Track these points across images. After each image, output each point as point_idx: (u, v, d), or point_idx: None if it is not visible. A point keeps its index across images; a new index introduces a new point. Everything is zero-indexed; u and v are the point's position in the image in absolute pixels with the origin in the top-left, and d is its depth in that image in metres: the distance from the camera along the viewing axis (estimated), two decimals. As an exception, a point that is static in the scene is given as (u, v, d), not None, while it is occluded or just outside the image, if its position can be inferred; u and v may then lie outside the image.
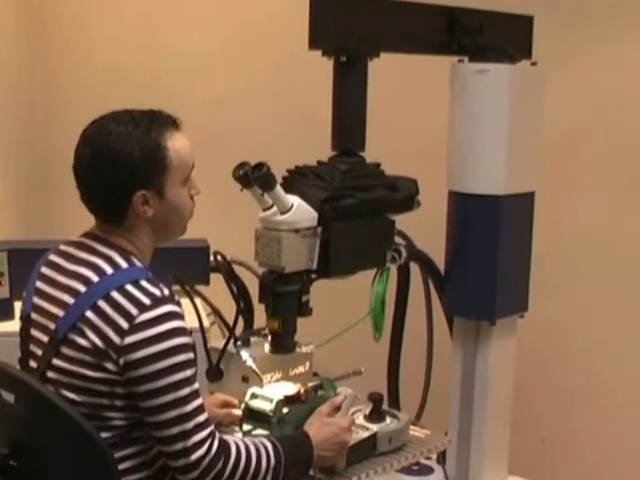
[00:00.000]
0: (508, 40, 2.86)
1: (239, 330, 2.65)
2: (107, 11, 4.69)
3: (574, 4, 3.53)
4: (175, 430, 2.06)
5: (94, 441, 2.06)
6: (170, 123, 2.18)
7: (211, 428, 2.12)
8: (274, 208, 2.42)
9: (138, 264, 2.17)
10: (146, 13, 4.58)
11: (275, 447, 2.23)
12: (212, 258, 2.84)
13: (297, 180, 2.54)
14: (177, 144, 2.16)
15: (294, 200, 2.43)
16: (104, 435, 2.10)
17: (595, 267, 3.61)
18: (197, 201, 2.27)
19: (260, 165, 2.33)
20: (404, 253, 2.70)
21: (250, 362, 2.49)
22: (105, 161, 2.11)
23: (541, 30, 3.00)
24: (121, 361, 2.05)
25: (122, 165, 2.10)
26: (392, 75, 3.10)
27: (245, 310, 2.84)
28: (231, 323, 2.57)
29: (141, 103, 2.22)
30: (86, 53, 4.77)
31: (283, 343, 2.51)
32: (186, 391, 2.07)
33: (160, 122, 2.16)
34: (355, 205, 2.53)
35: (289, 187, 2.48)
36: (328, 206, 2.48)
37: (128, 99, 2.33)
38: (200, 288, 2.73)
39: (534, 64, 2.88)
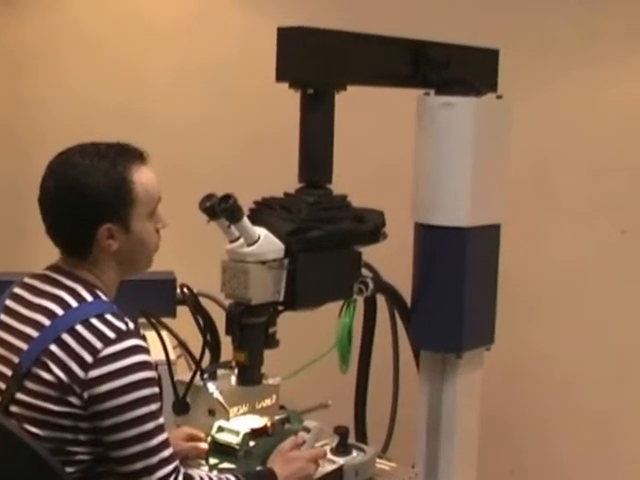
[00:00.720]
0: (474, 73, 2.88)
1: (206, 363, 2.63)
2: (77, 43, 4.68)
3: (539, 38, 3.57)
4: (139, 465, 2.04)
5: (58, 476, 2.04)
6: (137, 156, 2.16)
7: (176, 463, 2.09)
8: (241, 240, 2.41)
9: (103, 297, 2.15)
10: (114, 42, 4.56)
11: (241, 482, 2.21)
12: (179, 291, 2.82)
13: (264, 212, 2.54)
14: (143, 178, 2.14)
15: (261, 232, 2.42)
16: (68, 470, 2.08)
17: (562, 299, 3.63)
18: (163, 233, 2.26)
19: (227, 197, 2.33)
20: (371, 285, 2.69)
21: (217, 395, 2.48)
22: (70, 194, 2.09)
23: (507, 63, 3.02)
24: (85, 395, 2.02)
25: (87, 198, 2.08)
26: (359, 107, 3.10)
27: (212, 343, 2.81)
28: (198, 356, 2.56)
29: (105, 134, 2.21)
30: (54, 83, 4.75)
31: (250, 375, 2.49)
32: (150, 426, 2.04)
33: (127, 155, 2.14)
34: (322, 237, 2.52)
35: (256, 219, 2.47)
36: (295, 238, 2.47)
37: (93, 129, 2.32)
38: (167, 321, 2.71)
39: (500, 97, 2.88)
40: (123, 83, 4.52)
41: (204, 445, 2.53)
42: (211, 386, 2.49)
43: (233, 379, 2.50)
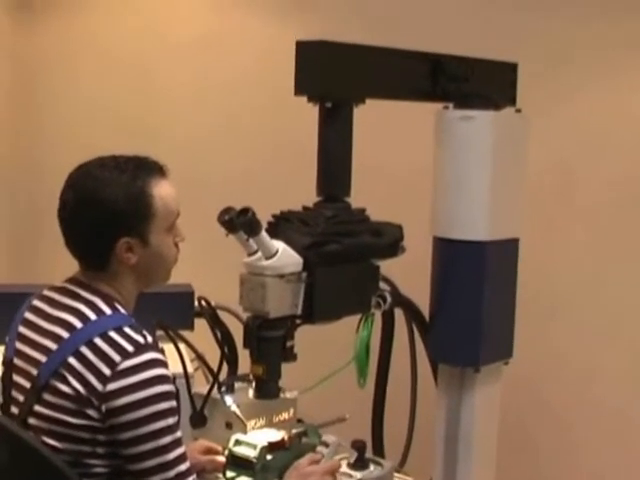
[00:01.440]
0: (493, 87, 2.88)
1: (223, 376, 2.63)
2: (93, 54, 4.70)
3: (557, 51, 3.56)
4: (156, 479, 2.04)
5: (75, 489, 2.04)
6: (156, 170, 2.17)
7: (192, 477, 2.10)
8: (259, 253, 2.41)
9: (122, 310, 2.15)
10: (132, 55, 4.59)
11: (258, 497, 2.21)
12: (196, 303, 2.83)
13: (282, 225, 2.54)
14: (163, 192, 2.15)
15: (279, 245, 2.42)
16: (86, 483, 2.08)
17: (581, 308, 3.63)
18: (181, 245, 2.26)
19: (245, 210, 2.32)
20: (388, 299, 2.68)
21: (234, 408, 2.47)
22: (89, 207, 2.10)
23: (525, 77, 3.01)
24: (103, 408, 2.03)
25: (106, 212, 2.09)
26: (378, 120, 3.10)
27: (229, 356, 2.82)
28: (215, 369, 2.56)
29: (121, 147, 2.22)
30: (71, 95, 4.77)
31: (267, 389, 2.49)
32: (168, 439, 2.05)
33: (146, 169, 2.15)
34: (340, 251, 2.52)
35: (274, 232, 2.48)
36: (313, 252, 2.47)
37: (111, 142, 2.32)
38: (184, 333, 2.71)
39: (518, 111, 2.88)
40: (140, 96, 4.54)
41: (221, 458, 2.53)
42: (228, 399, 2.49)
43: (251, 392, 2.50)
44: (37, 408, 2.10)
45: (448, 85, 2.79)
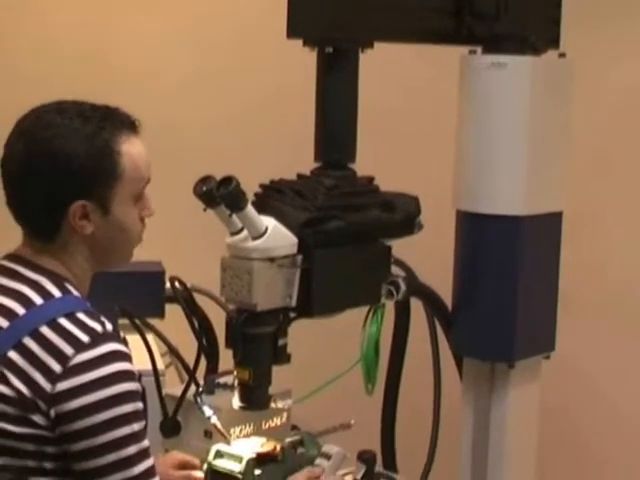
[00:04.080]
0: (531, 26, 2.87)
1: (201, 373, 2.67)
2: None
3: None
4: (118, 499, 2.06)
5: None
6: (127, 124, 2.16)
7: (163, 497, 2.11)
8: (244, 232, 2.43)
9: (74, 292, 2.13)
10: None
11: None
12: (168, 285, 2.85)
13: (273, 198, 2.56)
14: (133, 150, 2.13)
15: (269, 222, 2.45)
16: (30, 506, 2.10)
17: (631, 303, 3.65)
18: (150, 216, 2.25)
19: (228, 180, 2.34)
20: (403, 286, 2.71)
21: (214, 419, 2.51)
22: (41, 160, 2.08)
23: (572, 13, 3.01)
24: (52, 412, 2.01)
25: (61, 167, 2.07)
26: (388, 70, 3.09)
27: (208, 349, 2.84)
28: (191, 365, 2.59)
29: (78, 90, 2.20)
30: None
31: (255, 397, 2.52)
32: (132, 450, 2.03)
33: (115, 121, 2.13)
34: (343, 229, 2.55)
35: (263, 206, 2.50)
36: (310, 230, 2.50)
37: (60, 83, 2.26)
38: (153, 322, 2.73)
39: (562, 55, 2.89)
40: (95, 23, 4.43)
41: (199, 474, 2.54)
42: (207, 409, 2.52)
43: (235, 401, 2.51)
44: (-29, 416, 2.12)
45: (475, 24, 2.80)
